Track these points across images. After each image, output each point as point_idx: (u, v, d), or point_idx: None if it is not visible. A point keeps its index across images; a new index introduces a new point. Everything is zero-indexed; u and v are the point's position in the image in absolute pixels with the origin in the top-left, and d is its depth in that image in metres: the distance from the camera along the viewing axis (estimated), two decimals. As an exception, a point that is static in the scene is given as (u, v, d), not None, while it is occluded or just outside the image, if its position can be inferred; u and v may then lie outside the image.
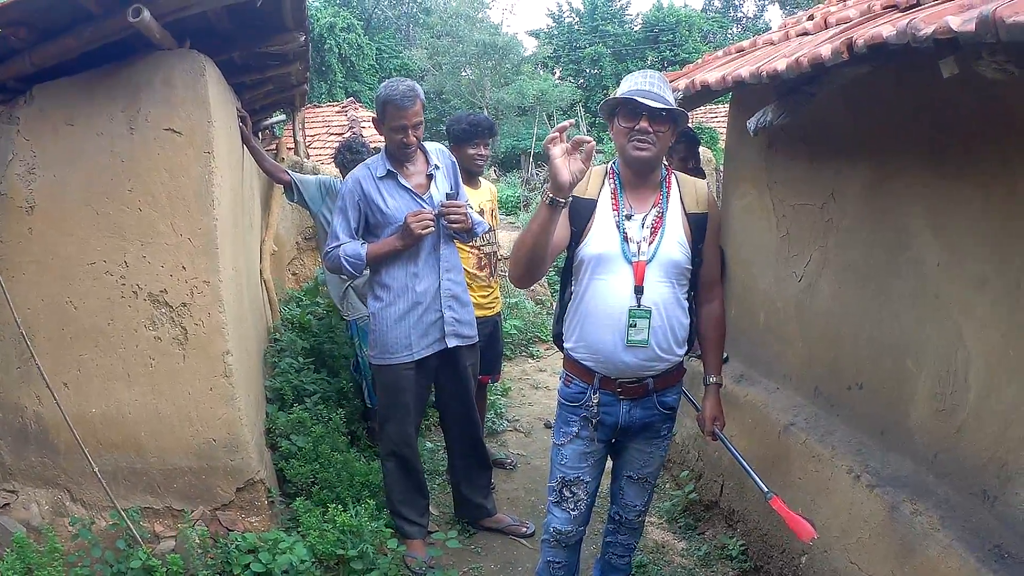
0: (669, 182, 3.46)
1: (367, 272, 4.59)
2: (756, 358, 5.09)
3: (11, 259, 4.08)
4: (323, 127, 16.80)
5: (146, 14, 3.43)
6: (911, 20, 2.62)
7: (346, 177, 4.73)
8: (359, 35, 31.40)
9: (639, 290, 3.27)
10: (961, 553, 3.04)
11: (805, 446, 4.17)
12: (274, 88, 6.10)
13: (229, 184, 4.47)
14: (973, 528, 3.11)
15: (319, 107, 19.35)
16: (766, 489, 3.57)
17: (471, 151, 5.31)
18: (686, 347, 3.52)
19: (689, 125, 5.05)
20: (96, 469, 3.98)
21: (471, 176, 5.36)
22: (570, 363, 3.52)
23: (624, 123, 3.27)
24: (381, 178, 4.35)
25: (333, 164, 6.53)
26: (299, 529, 4.34)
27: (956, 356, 3.32)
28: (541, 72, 39.54)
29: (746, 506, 4.70)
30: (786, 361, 4.72)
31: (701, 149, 5.13)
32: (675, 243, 3.35)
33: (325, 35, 34.48)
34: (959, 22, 2.33)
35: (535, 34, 46.40)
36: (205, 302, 4.18)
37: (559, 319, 3.62)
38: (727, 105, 6.89)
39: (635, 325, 3.28)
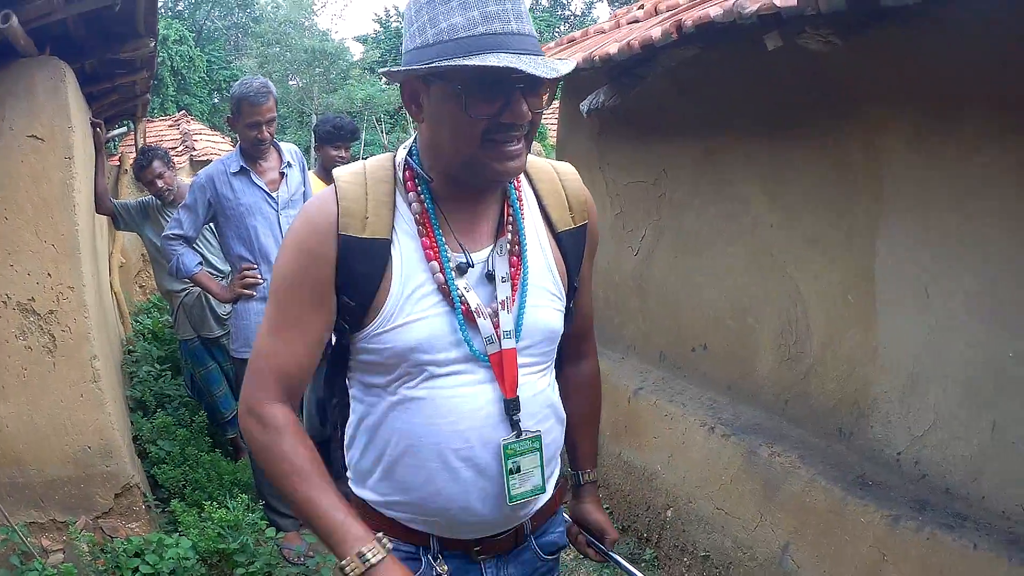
0: (517, 180, 1.86)
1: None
2: (600, 333, 5.36)
3: None
4: (156, 140, 16.34)
5: (14, 20, 3.36)
6: (737, 0, 2.94)
7: (199, 172, 4.69)
8: (191, 47, 30.43)
9: (513, 405, 1.77)
10: (825, 485, 3.36)
11: (656, 407, 4.43)
12: (119, 98, 6.10)
13: (86, 190, 4.40)
14: (834, 463, 3.44)
15: (152, 121, 18.82)
16: None
17: (333, 152, 5.43)
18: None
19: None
20: None
21: (329, 175, 5.49)
22: (372, 516, 1.87)
23: (479, 108, 1.59)
24: (235, 174, 4.34)
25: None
26: (179, 530, 4.30)
27: (795, 308, 3.67)
28: (368, 77, 39.64)
29: (605, 471, 4.90)
30: (629, 332, 5.00)
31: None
32: (546, 296, 1.84)
33: (158, 48, 33.14)
34: (782, -1, 2.66)
35: (363, 39, 45.96)
36: (71, 308, 4.09)
37: (320, 424, 2.13)
38: (556, 101, 7.16)
39: (518, 469, 1.81)
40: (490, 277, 1.75)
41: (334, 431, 2.02)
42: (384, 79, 1.86)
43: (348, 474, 1.95)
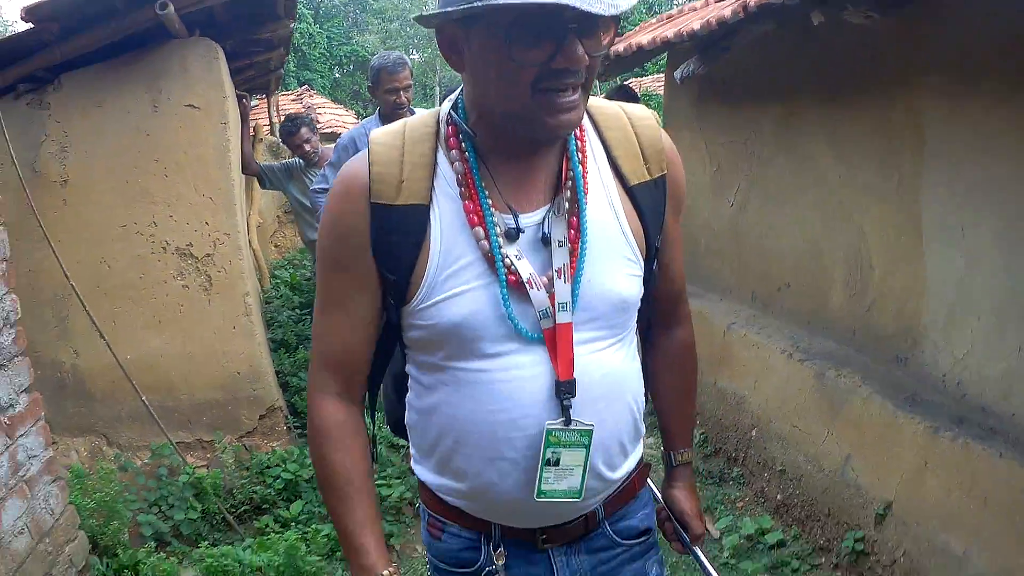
0: (580, 130, 1.63)
1: None
2: (698, 277, 5.88)
3: (48, 229, 4.62)
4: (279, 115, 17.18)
5: (171, 8, 4.10)
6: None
7: (342, 135, 5.40)
8: (309, 24, 31.57)
9: (566, 387, 1.57)
10: (880, 402, 3.83)
11: (745, 339, 4.95)
12: (254, 73, 6.79)
13: (236, 152, 5.11)
14: (890, 384, 3.89)
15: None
16: None
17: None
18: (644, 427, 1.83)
19: (627, 83, 5.54)
20: (146, 400, 4.56)
21: None
22: (436, 499, 1.78)
23: (527, 54, 1.39)
24: None
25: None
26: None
27: (859, 250, 4.14)
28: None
29: (701, 400, 5.45)
30: (725, 275, 5.51)
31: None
32: (616, 260, 1.62)
33: (278, 26, 34.71)
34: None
35: None
36: (227, 251, 4.86)
37: (397, 401, 1.92)
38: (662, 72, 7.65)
39: (558, 462, 1.60)
40: (545, 241, 1.54)
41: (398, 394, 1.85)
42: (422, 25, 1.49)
43: (411, 452, 1.82)
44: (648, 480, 1.92)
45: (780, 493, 4.50)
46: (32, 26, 4.23)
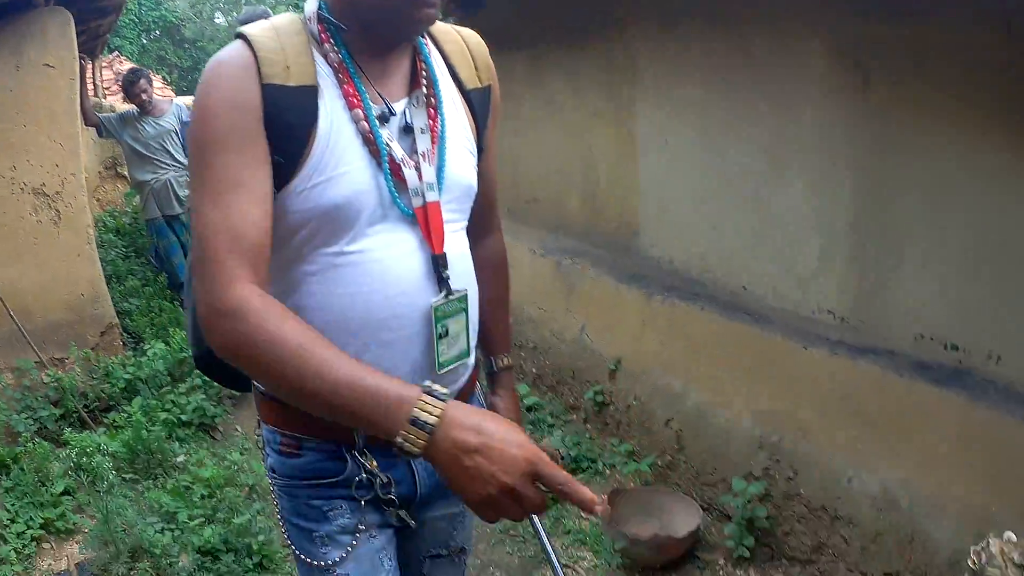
0: (425, 39, 1.72)
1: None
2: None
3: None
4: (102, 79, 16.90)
5: None
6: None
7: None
8: None
9: (442, 261, 1.62)
10: (606, 280, 4.63)
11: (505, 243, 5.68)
12: (87, 38, 7.05)
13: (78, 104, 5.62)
14: (616, 267, 4.68)
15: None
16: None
17: None
18: None
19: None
20: (20, 325, 5.01)
21: None
22: (289, 416, 1.68)
23: None
24: None
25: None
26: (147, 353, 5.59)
27: (591, 165, 4.90)
28: (292, 11, 39.16)
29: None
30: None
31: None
32: (463, 151, 1.70)
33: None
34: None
35: None
36: (72, 189, 5.39)
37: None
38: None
39: (446, 333, 1.65)
40: (408, 129, 1.59)
41: None
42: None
43: None
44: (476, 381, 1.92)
45: (535, 367, 5.25)
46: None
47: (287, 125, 1.48)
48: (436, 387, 1.30)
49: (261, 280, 1.44)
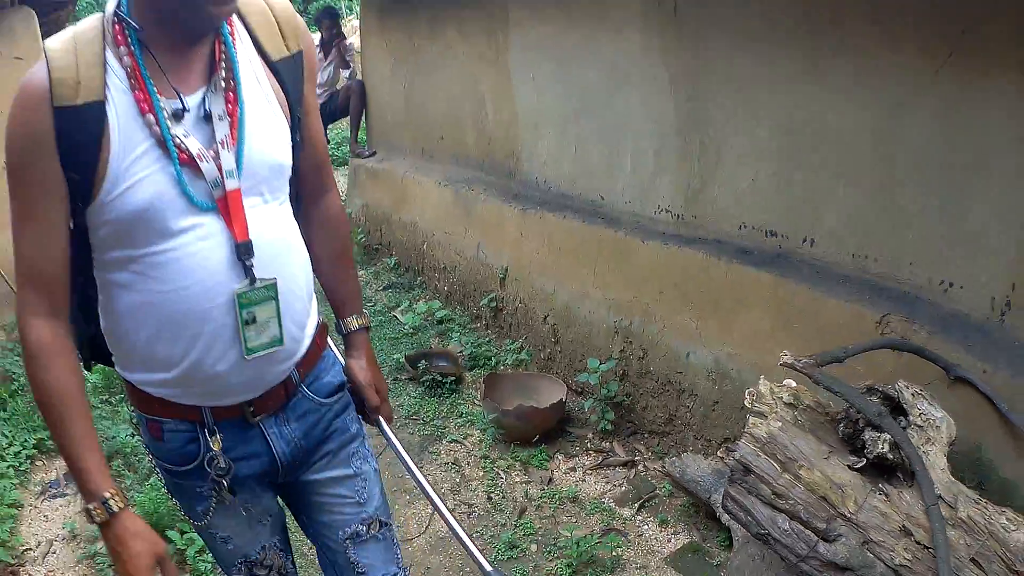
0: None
1: None
2: (387, 144, 6.91)
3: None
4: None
5: None
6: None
7: None
8: None
9: (245, 249, 1.58)
10: (495, 202, 5.02)
11: (415, 180, 6.08)
12: (48, 28, 7.46)
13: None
14: (503, 190, 5.07)
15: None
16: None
17: None
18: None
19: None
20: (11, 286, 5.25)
21: None
22: (143, 397, 1.69)
23: None
24: None
25: None
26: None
27: (481, 102, 5.27)
28: None
29: (391, 233, 6.63)
30: (403, 139, 6.58)
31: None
32: (269, 129, 1.64)
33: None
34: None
35: None
36: None
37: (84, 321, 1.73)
38: None
39: (254, 319, 1.61)
40: (207, 117, 1.54)
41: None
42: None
43: (115, 361, 1.71)
44: (329, 340, 1.92)
45: (446, 285, 5.66)
46: None
47: (77, 144, 1.45)
48: (112, 502, 1.53)
49: (58, 307, 1.56)
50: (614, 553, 3.31)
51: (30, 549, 3.60)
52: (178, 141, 1.49)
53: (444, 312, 5.43)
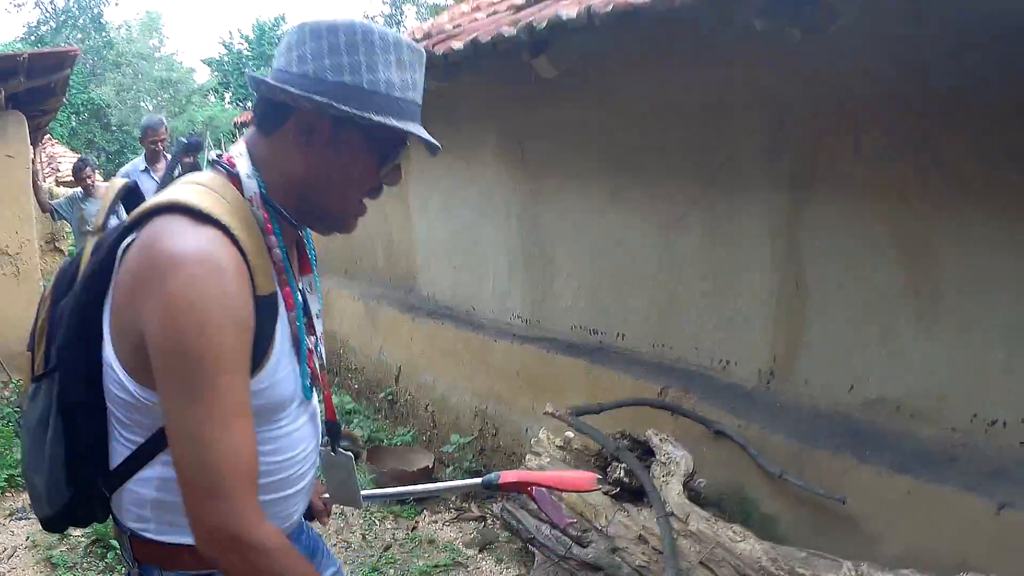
0: None
1: None
2: (322, 266, 7.95)
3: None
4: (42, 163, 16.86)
5: (2, 93, 5.95)
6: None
7: (121, 168, 7.33)
8: None
9: (334, 428, 1.77)
10: (395, 312, 5.99)
11: (339, 294, 7.02)
12: (30, 129, 8.47)
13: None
14: (402, 303, 6.05)
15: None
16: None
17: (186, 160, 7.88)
18: None
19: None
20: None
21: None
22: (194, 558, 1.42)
23: (385, 168, 1.49)
24: (142, 171, 6.64)
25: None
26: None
27: (388, 231, 6.37)
28: (213, 99, 38.91)
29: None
30: (333, 261, 7.56)
31: None
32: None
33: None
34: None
35: (208, 62, 42.45)
36: (28, 251, 6.72)
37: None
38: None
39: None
40: (305, 311, 1.53)
41: (104, 481, 1.50)
42: (264, 90, 1.38)
43: (149, 524, 1.48)
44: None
45: (356, 382, 6.61)
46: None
47: (262, 336, 1.36)
48: None
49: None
50: (454, 580, 4.15)
51: (-3, 554, 4.34)
52: (309, 346, 1.50)
53: (352, 405, 6.34)
